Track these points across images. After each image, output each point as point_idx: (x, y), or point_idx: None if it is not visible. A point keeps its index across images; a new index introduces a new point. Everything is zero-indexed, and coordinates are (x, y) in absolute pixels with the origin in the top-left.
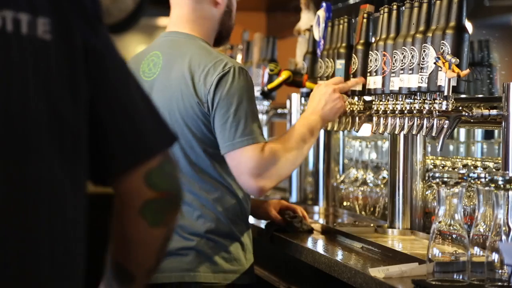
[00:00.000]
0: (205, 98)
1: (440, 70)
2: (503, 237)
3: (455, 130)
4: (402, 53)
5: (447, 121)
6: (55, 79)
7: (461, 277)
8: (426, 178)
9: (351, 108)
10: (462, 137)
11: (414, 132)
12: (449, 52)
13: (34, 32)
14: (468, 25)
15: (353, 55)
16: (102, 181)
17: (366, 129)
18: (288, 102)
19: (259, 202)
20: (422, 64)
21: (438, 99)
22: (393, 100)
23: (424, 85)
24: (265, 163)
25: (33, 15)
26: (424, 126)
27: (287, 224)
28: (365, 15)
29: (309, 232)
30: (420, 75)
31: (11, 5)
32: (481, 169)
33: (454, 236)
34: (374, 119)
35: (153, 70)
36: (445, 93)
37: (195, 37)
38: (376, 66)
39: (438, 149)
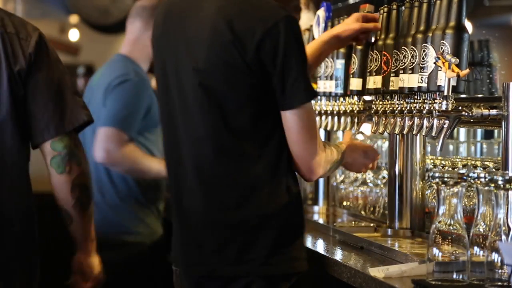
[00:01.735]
0: None
1: (440, 70)
2: (503, 237)
3: (455, 130)
4: (402, 53)
5: (447, 121)
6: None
7: (461, 277)
8: (426, 178)
9: (351, 108)
10: (462, 137)
11: (414, 132)
12: (449, 52)
13: None
14: (468, 25)
15: (353, 54)
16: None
17: (366, 129)
18: None
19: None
20: (422, 64)
21: (438, 99)
22: (393, 100)
23: (424, 85)
24: None
25: None
26: (424, 126)
27: None
28: None
29: None
30: (420, 75)
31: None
32: (481, 169)
33: (454, 236)
34: (374, 119)
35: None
36: (445, 93)
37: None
38: (376, 66)
39: (438, 149)
